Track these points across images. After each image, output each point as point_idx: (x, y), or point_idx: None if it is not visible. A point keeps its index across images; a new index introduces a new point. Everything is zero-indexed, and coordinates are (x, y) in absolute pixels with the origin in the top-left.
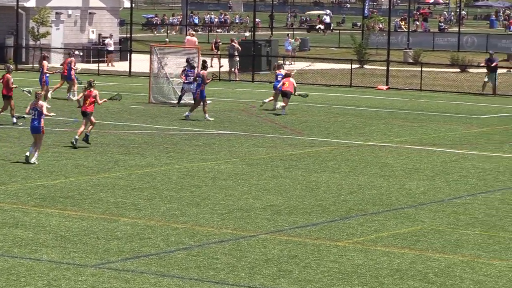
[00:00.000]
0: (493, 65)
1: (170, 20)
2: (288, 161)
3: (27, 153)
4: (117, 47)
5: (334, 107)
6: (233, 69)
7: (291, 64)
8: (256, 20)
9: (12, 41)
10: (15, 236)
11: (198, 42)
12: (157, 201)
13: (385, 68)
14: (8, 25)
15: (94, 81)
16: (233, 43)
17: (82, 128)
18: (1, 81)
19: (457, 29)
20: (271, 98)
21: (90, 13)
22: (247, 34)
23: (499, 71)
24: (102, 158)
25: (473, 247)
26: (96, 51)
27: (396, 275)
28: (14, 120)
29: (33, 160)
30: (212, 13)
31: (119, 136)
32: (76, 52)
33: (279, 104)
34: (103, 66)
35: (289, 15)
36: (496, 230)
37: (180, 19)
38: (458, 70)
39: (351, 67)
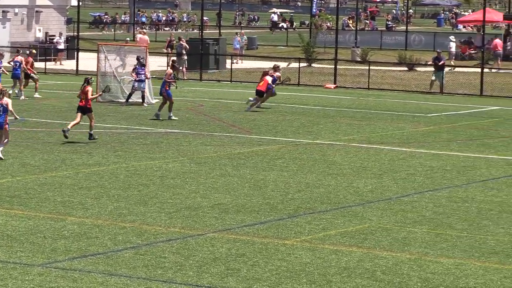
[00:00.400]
0: (440, 63)
1: (122, 18)
2: (236, 159)
3: None
4: (64, 45)
5: (282, 105)
6: (181, 68)
7: (237, 62)
8: (204, 18)
9: None
10: None
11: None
12: (104, 200)
13: (333, 66)
14: None
15: (91, 78)
16: (181, 42)
17: (76, 122)
18: None
19: (405, 27)
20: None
21: (37, 11)
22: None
23: (446, 69)
24: (49, 157)
25: (421, 245)
26: (43, 50)
27: (344, 273)
28: None
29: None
30: (160, 11)
31: (70, 133)
32: (34, 51)
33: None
34: (50, 65)
35: (237, 13)
36: (443, 228)
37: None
38: (406, 68)
39: (299, 65)
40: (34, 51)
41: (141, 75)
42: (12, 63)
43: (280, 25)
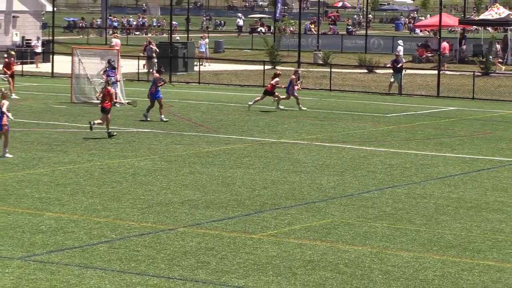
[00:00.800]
0: (398, 66)
1: (98, 23)
2: (205, 157)
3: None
4: (41, 49)
5: (249, 109)
6: (151, 70)
7: (204, 65)
8: (173, 23)
9: None
10: None
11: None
12: (80, 196)
13: (296, 65)
14: None
15: (111, 80)
16: (151, 46)
17: (99, 121)
18: None
19: (364, 32)
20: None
21: (13, 16)
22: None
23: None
24: (27, 155)
25: (381, 239)
26: (20, 53)
27: (309, 266)
28: None
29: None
30: (131, 16)
31: (43, 134)
32: (13, 53)
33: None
34: (26, 67)
35: (204, 18)
36: (403, 223)
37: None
38: (366, 71)
39: (264, 68)
40: (12, 52)
41: (111, 77)
42: None
43: (258, 30)
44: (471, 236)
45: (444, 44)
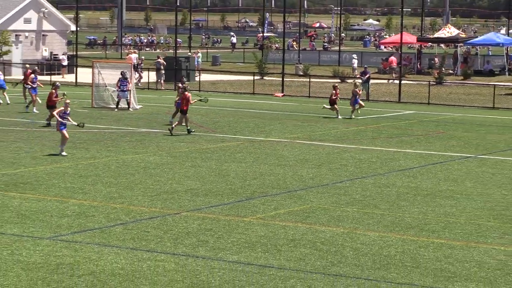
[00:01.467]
0: (366, 76)
1: (127, 40)
2: (204, 153)
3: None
4: (67, 62)
5: (240, 110)
6: (159, 80)
7: (197, 76)
8: (178, 40)
9: None
10: None
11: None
12: (99, 186)
13: (281, 79)
14: None
15: (188, 86)
16: (159, 60)
17: (177, 123)
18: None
19: (338, 48)
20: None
21: (43, 34)
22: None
23: (371, 81)
24: (55, 151)
25: (352, 221)
26: (49, 66)
27: (291, 243)
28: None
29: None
30: (142, 35)
31: (68, 134)
32: (36, 68)
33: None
34: (54, 78)
35: (204, 36)
36: (370, 208)
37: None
38: (339, 80)
39: (254, 78)
40: (35, 67)
41: (124, 86)
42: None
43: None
44: (426, 219)
45: (392, 58)
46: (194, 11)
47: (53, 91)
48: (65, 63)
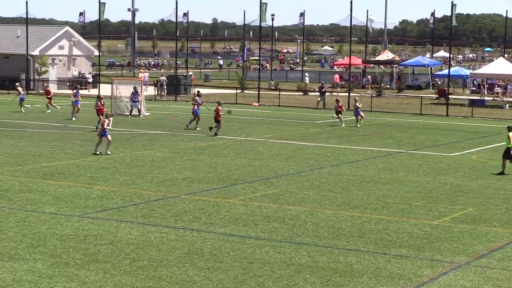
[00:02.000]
0: (323, 90)
1: (143, 63)
2: (198, 150)
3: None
4: (92, 79)
5: (226, 116)
6: (162, 93)
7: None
8: (177, 62)
9: (25, 76)
10: (28, 198)
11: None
12: (117, 176)
13: (257, 92)
14: (21, 66)
15: (221, 101)
16: (162, 77)
17: (216, 130)
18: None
19: (301, 68)
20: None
21: (73, 58)
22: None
23: (327, 94)
24: (82, 148)
25: (312, 202)
26: (77, 82)
27: (265, 219)
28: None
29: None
30: (150, 58)
31: (93, 135)
32: (78, 86)
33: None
34: (81, 92)
35: (197, 59)
36: (326, 192)
37: (129, 62)
38: (302, 93)
39: (236, 91)
40: (77, 85)
41: (135, 97)
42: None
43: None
44: (369, 200)
45: (336, 76)
46: (190, 40)
47: (99, 103)
48: (90, 80)
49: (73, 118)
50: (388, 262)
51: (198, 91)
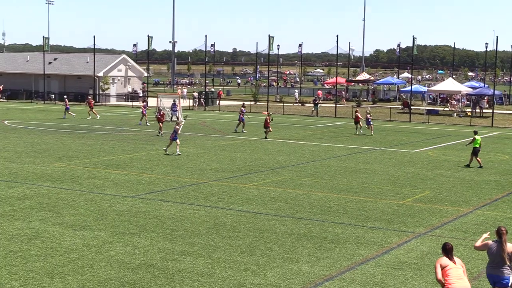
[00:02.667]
0: (316, 102)
1: (181, 81)
2: (222, 147)
3: (167, 151)
4: (142, 94)
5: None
6: (195, 104)
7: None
8: (206, 81)
9: (92, 92)
10: (94, 183)
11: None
12: (161, 166)
13: (266, 103)
14: (89, 84)
15: (271, 113)
16: (194, 93)
17: (266, 135)
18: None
19: (300, 85)
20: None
21: (128, 78)
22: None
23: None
24: (134, 146)
25: (308, 187)
26: (131, 96)
27: (272, 199)
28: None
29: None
30: (185, 78)
31: (143, 135)
32: (147, 99)
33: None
34: (134, 104)
35: (222, 79)
36: (318, 179)
37: (169, 81)
38: (301, 104)
39: (250, 103)
40: (146, 99)
41: (174, 107)
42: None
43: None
44: (351, 185)
45: (319, 91)
46: (216, 64)
47: (159, 116)
48: (141, 95)
49: (140, 123)
50: (365, 232)
51: (243, 103)
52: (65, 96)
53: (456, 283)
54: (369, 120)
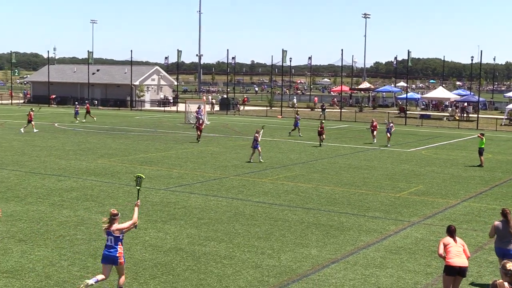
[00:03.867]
0: (323, 107)
1: (210, 87)
2: (241, 146)
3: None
4: (172, 100)
5: (260, 124)
6: (213, 109)
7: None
8: (228, 89)
9: (129, 98)
10: (131, 177)
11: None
12: (188, 163)
13: (280, 108)
14: (127, 92)
15: (323, 120)
16: (212, 100)
17: (323, 137)
18: None
19: (309, 93)
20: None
21: (160, 86)
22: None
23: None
24: (166, 145)
25: (316, 181)
26: (163, 102)
27: (286, 192)
28: None
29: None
30: (209, 86)
31: (174, 136)
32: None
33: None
34: (166, 109)
35: (241, 87)
36: (325, 174)
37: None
38: (310, 109)
39: (266, 108)
40: (201, 106)
41: (200, 111)
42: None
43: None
44: (354, 180)
45: (316, 98)
46: (236, 74)
47: (198, 125)
48: (171, 101)
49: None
50: (366, 221)
51: (297, 111)
52: (86, 101)
53: (454, 259)
54: (389, 128)
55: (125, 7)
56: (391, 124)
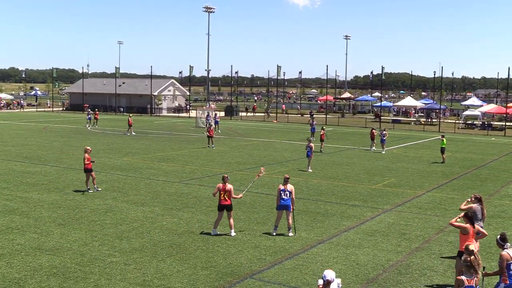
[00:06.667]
0: (311, 114)
1: (216, 97)
2: (243, 146)
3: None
4: (185, 107)
5: (258, 128)
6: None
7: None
8: (232, 99)
9: (150, 106)
10: (150, 172)
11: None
12: (199, 160)
13: (275, 114)
14: (147, 101)
15: (324, 127)
16: (214, 111)
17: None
18: None
19: (300, 101)
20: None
21: (175, 96)
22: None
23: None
24: (180, 145)
25: (306, 176)
26: (178, 109)
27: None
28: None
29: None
30: (215, 95)
31: (186, 138)
32: (217, 115)
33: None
34: (180, 115)
35: (243, 97)
36: (313, 169)
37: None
38: (300, 115)
39: (264, 115)
40: (217, 114)
41: (209, 118)
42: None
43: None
44: (337, 174)
45: (298, 106)
46: (238, 86)
47: (208, 129)
48: (185, 108)
49: (219, 131)
50: (347, 209)
51: (312, 113)
52: (96, 109)
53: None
54: (383, 138)
55: (146, 31)
56: (384, 132)
